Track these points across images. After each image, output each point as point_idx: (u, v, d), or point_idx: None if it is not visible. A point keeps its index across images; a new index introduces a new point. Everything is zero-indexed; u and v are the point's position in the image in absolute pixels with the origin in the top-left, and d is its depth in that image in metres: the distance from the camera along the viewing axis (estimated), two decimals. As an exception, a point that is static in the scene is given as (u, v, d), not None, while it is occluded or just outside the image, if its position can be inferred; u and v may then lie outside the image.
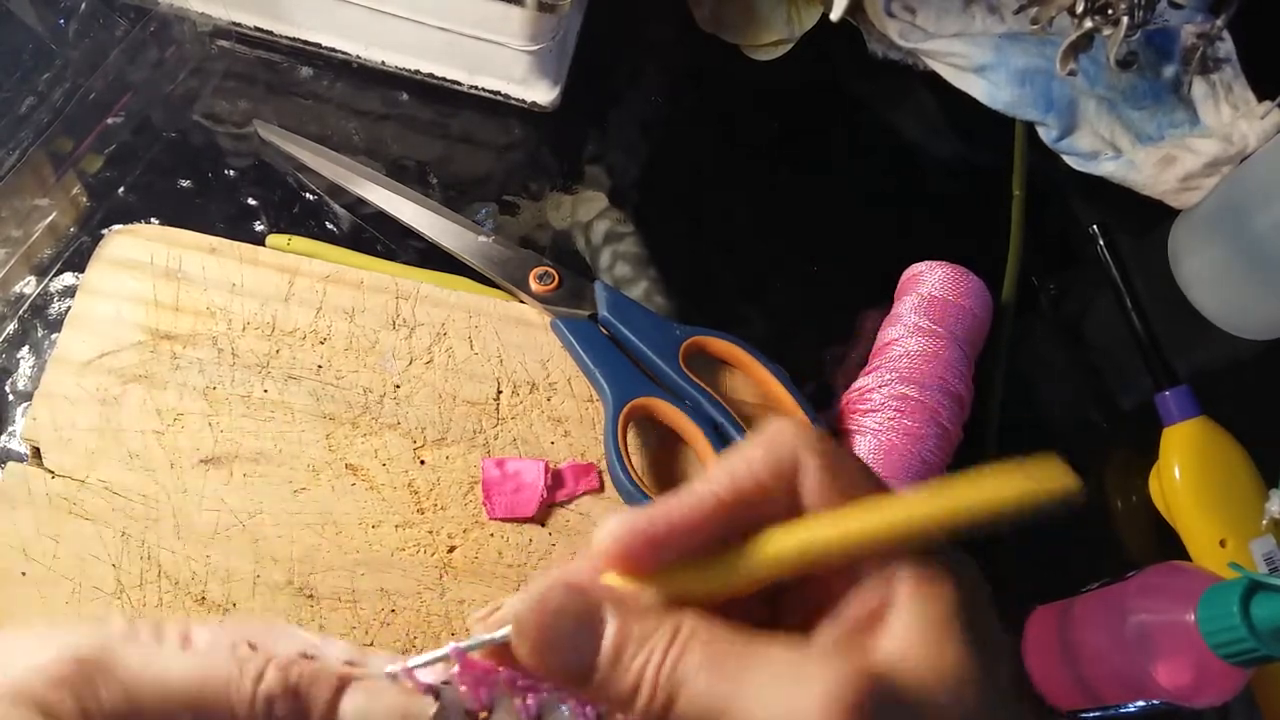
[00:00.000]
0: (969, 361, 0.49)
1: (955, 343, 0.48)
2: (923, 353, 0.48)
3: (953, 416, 0.47)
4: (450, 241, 0.51)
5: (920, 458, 0.45)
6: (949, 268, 0.50)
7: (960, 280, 0.50)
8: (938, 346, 0.48)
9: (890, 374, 0.47)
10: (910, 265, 0.52)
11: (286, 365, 0.46)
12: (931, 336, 0.48)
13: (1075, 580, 0.46)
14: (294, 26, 0.55)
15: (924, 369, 0.47)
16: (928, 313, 0.49)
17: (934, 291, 0.50)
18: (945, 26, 0.61)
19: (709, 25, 0.61)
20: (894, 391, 0.47)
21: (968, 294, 0.50)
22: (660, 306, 0.53)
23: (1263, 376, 0.56)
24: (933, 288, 0.50)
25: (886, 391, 0.47)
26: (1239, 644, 0.35)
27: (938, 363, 0.47)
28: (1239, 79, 0.61)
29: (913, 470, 0.45)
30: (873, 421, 0.46)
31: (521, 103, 0.56)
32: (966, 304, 0.49)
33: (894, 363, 0.48)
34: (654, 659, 0.21)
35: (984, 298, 0.50)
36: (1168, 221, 0.59)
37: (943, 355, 0.48)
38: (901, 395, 0.46)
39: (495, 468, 0.45)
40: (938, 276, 0.50)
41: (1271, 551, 0.48)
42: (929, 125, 0.61)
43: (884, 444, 0.45)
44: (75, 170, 0.51)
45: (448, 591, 0.43)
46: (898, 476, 0.45)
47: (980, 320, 0.50)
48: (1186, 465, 0.50)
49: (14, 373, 0.47)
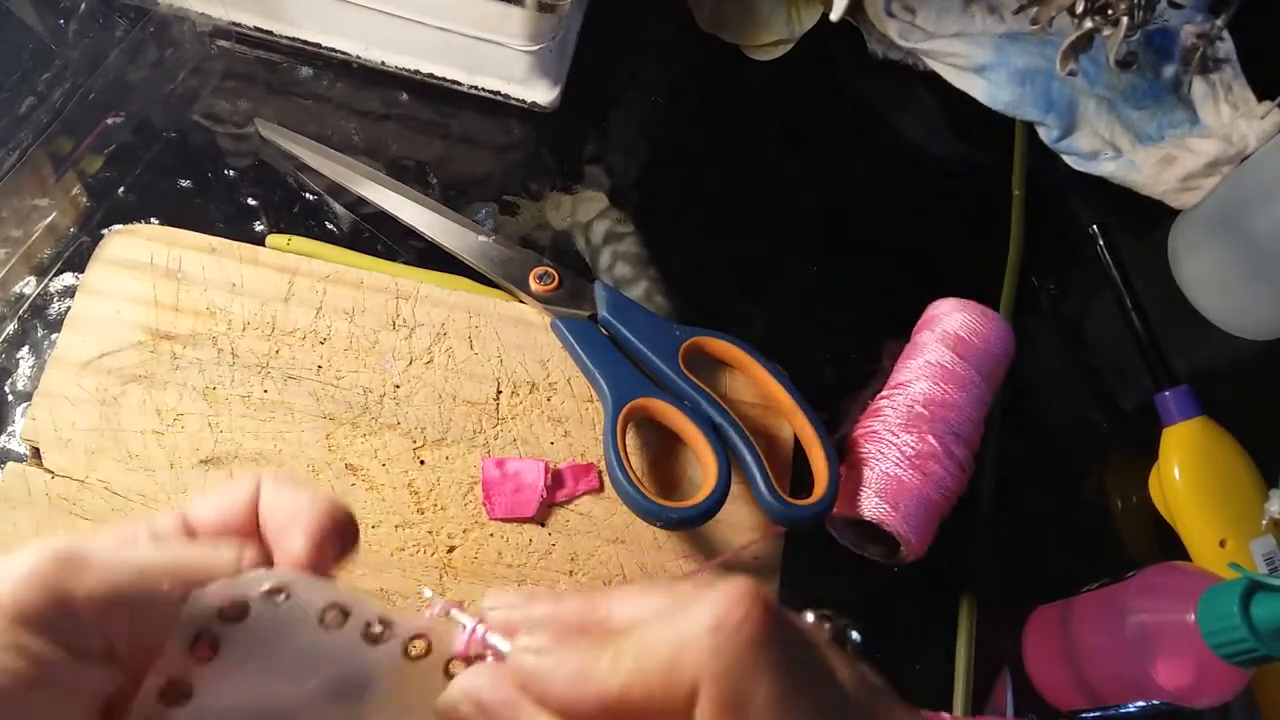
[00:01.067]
0: (985, 405, 0.47)
1: (973, 386, 0.47)
2: (940, 398, 0.46)
3: (965, 457, 0.46)
4: (450, 241, 0.51)
5: (929, 496, 0.44)
6: (972, 309, 0.49)
7: (983, 322, 0.48)
8: (953, 391, 0.46)
9: (903, 413, 0.46)
10: (934, 302, 0.50)
11: (286, 365, 0.46)
12: (950, 380, 0.47)
13: (1075, 580, 0.46)
14: (294, 26, 0.55)
15: (939, 412, 0.46)
16: (950, 350, 0.47)
17: (957, 331, 0.48)
18: (945, 26, 0.61)
19: (709, 25, 0.61)
20: (906, 429, 0.45)
21: (989, 337, 0.48)
22: (660, 306, 0.53)
23: (1263, 376, 0.57)
24: (955, 327, 0.48)
25: (898, 428, 0.46)
26: (1239, 644, 0.35)
27: (952, 407, 0.46)
28: (1239, 79, 0.61)
29: (922, 507, 0.44)
30: (881, 456, 0.46)
31: (521, 103, 0.56)
32: (987, 347, 0.48)
33: (909, 402, 0.46)
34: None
35: (1005, 340, 0.49)
36: (1168, 221, 0.59)
37: (957, 401, 0.46)
38: (915, 434, 0.45)
39: (495, 468, 0.45)
40: (960, 319, 0.48)
41: (1271, 551, 0.48)
42: (929, 125, 0.61)
43: (893, 479, 0.45)
44: (75, 170, 0.51)
45: (448, 591, 0.43)
46: (908, 514, 0.44)
47: (1000, 362, 0.48)
48: (1186, 465, 0.50)
49: (14, 373, 0.47)
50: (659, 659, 0.20)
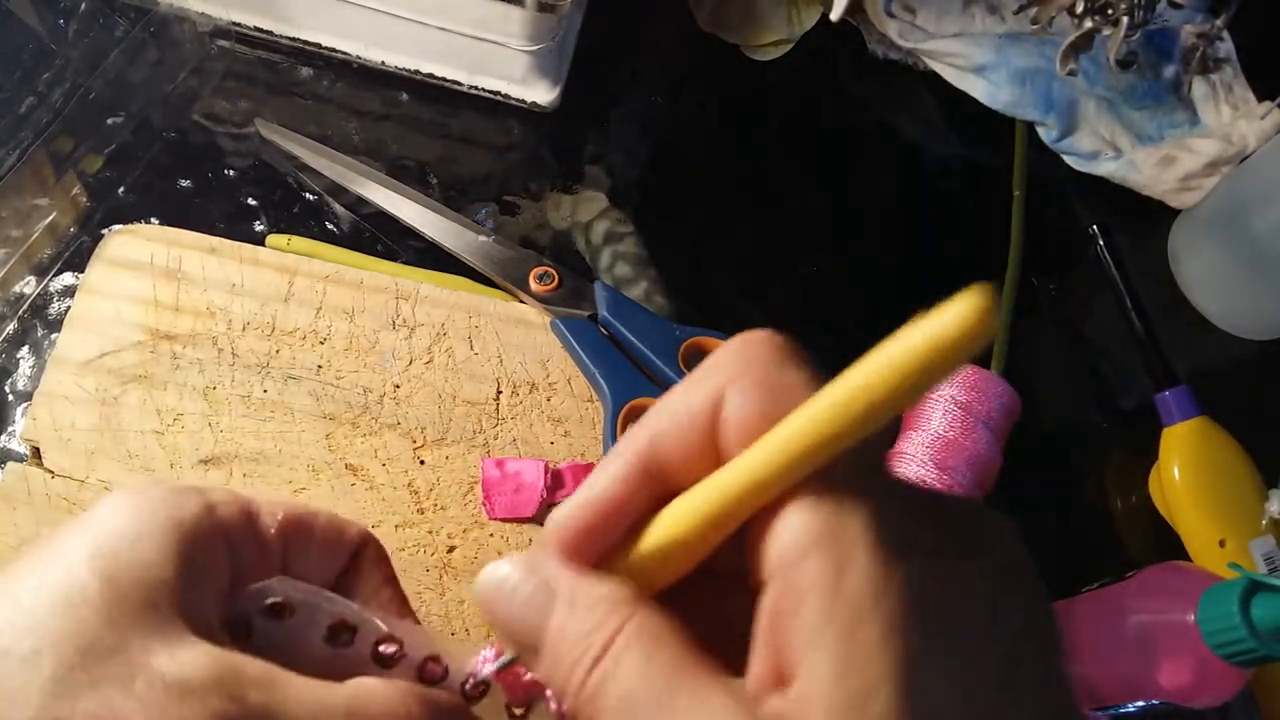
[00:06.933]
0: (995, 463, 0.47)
1: (983, 442, 0.46)
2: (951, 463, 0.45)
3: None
4: (450, 241, 0.51)
5: None
6: (972, 371, 0.47)
7: (985, 385, 0.47)
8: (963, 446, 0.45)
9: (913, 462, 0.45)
10: None
11: (286, 365, 0.46)
12: (957, 450, 0.46)
13: (1075, 580, 0.46)
14: (294, 26, 0.55)
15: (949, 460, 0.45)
16: (959, 408, 0.46)
17: (957, 395, 0.46)
18: (945, 26, 0.61)
19: (709, 25, 0.61)
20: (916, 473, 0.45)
21: (989, 402, 0.46)
22: (660, 306, 0.53)
23: (1263, 376, 0.57)
24: (954, 391, 0.47)
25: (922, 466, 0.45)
26: (1239, 644, 0.35)
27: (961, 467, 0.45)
28: (1239, 79, 0.61)
29: None
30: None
31: (521, 103, 0.56)
32: (988, 410, 0.46)
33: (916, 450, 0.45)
34: (586, 658, 0.19)
35: (1008, 403, 0.47)
36: (1168, 221, 0.59)
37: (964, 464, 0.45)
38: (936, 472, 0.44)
39: (495, 468, 0.45)
40: (956, 381, 0.47)
41: (1271, 551, 0.48)
42: (929, 125, 0.61)
43: None
44: (75, 170, 0.51)
45: (448, 591, 0.43)
46: None
47: (1001, 426, 0.47)
48: (1186, 465, 0.50)
49: (14, 373, 0.47)
50: (676, 394, 0.21)
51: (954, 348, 0.16)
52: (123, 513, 0.21)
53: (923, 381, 0.17)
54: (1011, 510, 0.53)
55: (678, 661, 0.19)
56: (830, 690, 0.16)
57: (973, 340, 0.16)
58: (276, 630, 0.22)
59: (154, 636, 0.19)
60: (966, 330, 0.16)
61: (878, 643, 0.16)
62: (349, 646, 0.22)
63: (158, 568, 0.20)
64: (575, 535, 0.21)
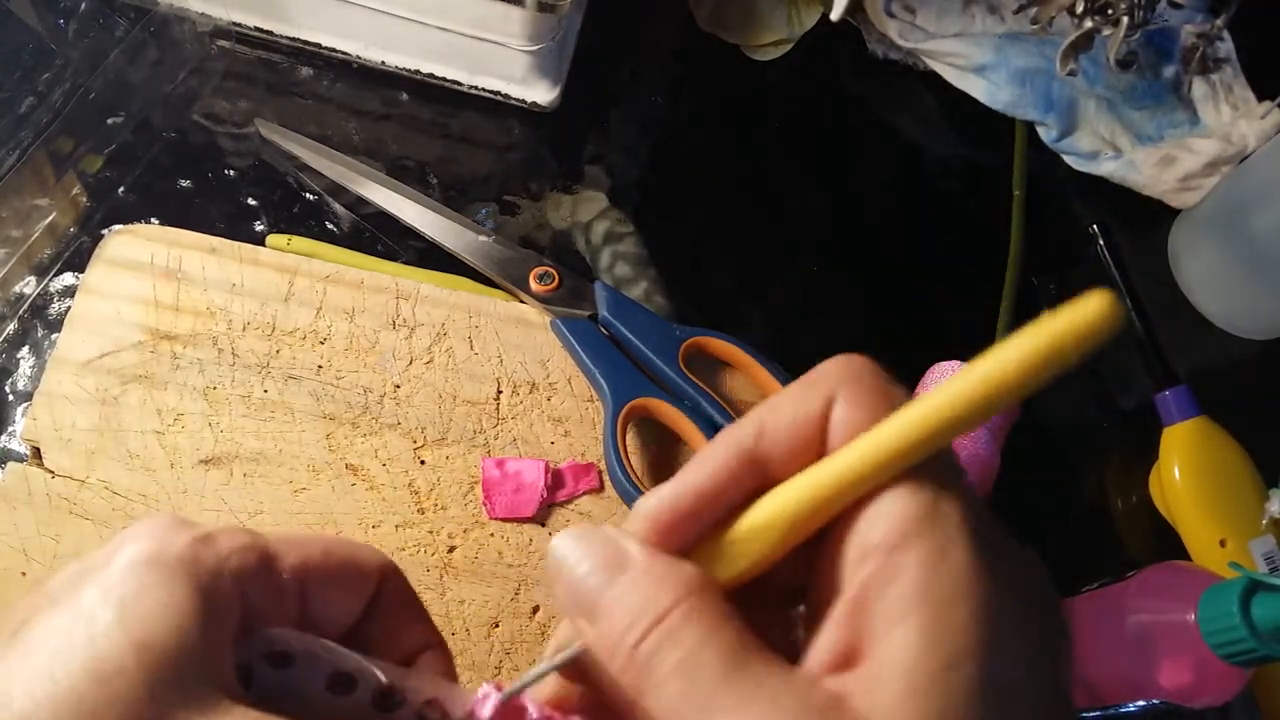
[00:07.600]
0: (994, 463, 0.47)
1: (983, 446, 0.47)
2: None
3: None
4: (450, 241, 0.51)
5: None
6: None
7: None
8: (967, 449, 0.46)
9: None
10: (934, 365, 0.49)
11: (286, 365, 0.46)
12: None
13: (1075, 580, 0.46)
14: (294, 26, 0.55)
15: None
16: None
17: None
18: (945, 26, 0.61)
19: (709, 25, 0.61)
20: None
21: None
22: (660, 306, 0.53)
23: (1263, 376, 0.57)
24: None
25: None
26: (1239, 644, 0.35)
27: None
28: (1239, 79, 0.61)
29: None
30: None
31: (521, 103, 0.56)
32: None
33: None
34: (642, 622, 0.19)
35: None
36: (1168, 221, 0.59)
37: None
38: None
39: (495, 468, 0.45)
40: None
41: (1271, 551, 0.48)
42: (929, 125, 0.61)
43: None
44: (75, 170, 0.51)
45: (448, 591, 0.43)
46: None
47: (999, 426, 0.48)
48: (1186, 465, 0.49)
49: (14, 373, 0.47)
50: (785, 395, 0.21)
51: (1078, 344, 0.18)
52: (142, 569, 0.20)
53: (1045, 373, 0.19)
54: (1011, 510, 0.53)
55: (741, 640, 0.19)
56: (915, 659, 0.18)
57: (1098, 336, 0.18)
58: (277, 678, 0.22)
59: (192, 706, 0.19)
60: (1094, 326, 0.18)
61: (967, 621, 0.18)
62: (350, 694, 0.22)
63: (186, 633, 0.20)
64: (667, 518, 0.21)
